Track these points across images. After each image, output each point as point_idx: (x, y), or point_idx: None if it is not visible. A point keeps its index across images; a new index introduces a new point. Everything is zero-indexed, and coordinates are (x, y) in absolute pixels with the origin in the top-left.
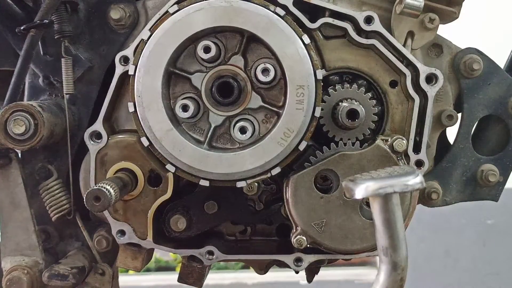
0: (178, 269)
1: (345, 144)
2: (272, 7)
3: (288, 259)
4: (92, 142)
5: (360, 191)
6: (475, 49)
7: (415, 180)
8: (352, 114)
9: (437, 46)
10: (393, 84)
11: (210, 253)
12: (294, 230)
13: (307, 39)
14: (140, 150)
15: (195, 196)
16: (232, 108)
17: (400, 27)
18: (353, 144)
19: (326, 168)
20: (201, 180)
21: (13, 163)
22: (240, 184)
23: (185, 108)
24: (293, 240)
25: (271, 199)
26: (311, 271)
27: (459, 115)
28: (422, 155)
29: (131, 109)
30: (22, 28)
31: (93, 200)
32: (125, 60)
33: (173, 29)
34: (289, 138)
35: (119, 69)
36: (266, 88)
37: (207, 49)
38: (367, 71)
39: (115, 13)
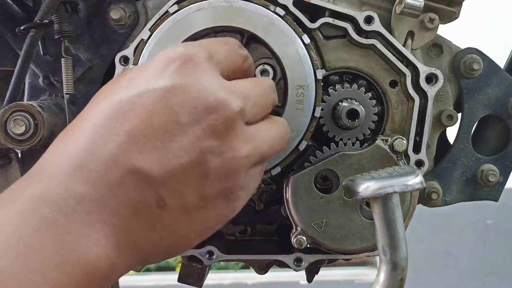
0: (178, 269)
1: (345, 144)
2: (272, 7)
3: (288, 259)
4: None
5: (360, 191)
6: (475, 49)
7: (415, 180)
8: (352, 114)
9: (437, 46)
10: (393, 84)
11: (210, 253)
12: (294, 230)
13: (307, 39)
14: None
15: None
16: None
17: (400, 27)
18: (353, 144)
19: (326, 168)
20: None
21: (13, 163)
22: None
23: None
24: (293, 240)
25: (271, 199)
26: (311, 271)
27: (459, 115)
28: (422, 155)
29: None
30: (22, 28)
31: None
32: (125, 60)
33: (173, 29)
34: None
35: (119, 69)
36: None
37: None
38: (367, 71)
39: (115, 13)
